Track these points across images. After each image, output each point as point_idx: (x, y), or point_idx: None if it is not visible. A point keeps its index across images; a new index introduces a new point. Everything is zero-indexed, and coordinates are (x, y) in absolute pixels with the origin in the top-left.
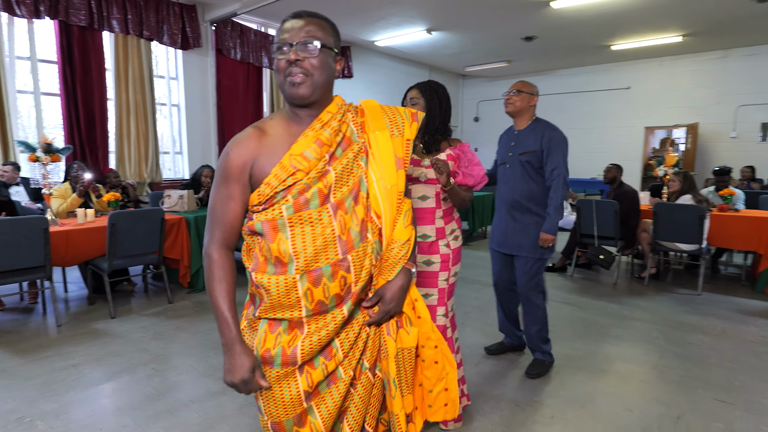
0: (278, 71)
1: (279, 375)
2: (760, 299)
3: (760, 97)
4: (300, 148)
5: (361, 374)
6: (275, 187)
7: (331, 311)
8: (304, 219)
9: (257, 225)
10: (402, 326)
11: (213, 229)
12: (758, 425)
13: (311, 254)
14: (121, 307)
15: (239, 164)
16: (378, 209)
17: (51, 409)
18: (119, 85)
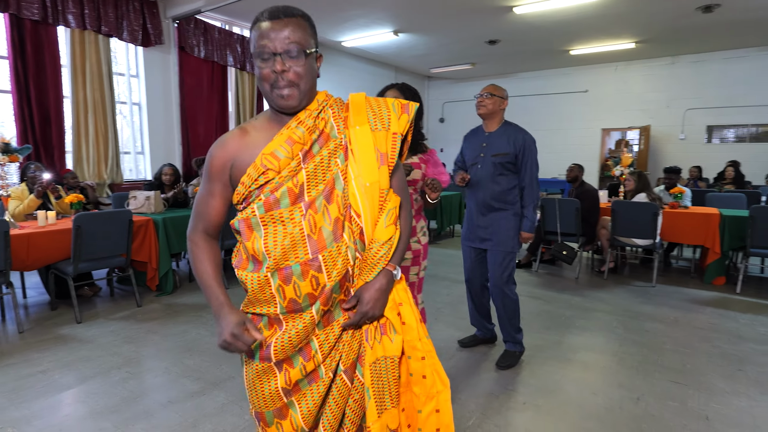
0: (262, 79)
1: (258, 368)
2: (708, 290)
3: (705, 101)
4: (271, 147)
5: (336, 376)
6: (248, 186)
7: (307, 310)
8: (276, 218)
9: (236, 224)
10: (385, 333)
11: (196, 220)
12: (708, 402)
13: (279, 253)
14: (86, 311)
15: (219, 164)
16: (357, 208)
17: (22, 415)
18: (76, 83)
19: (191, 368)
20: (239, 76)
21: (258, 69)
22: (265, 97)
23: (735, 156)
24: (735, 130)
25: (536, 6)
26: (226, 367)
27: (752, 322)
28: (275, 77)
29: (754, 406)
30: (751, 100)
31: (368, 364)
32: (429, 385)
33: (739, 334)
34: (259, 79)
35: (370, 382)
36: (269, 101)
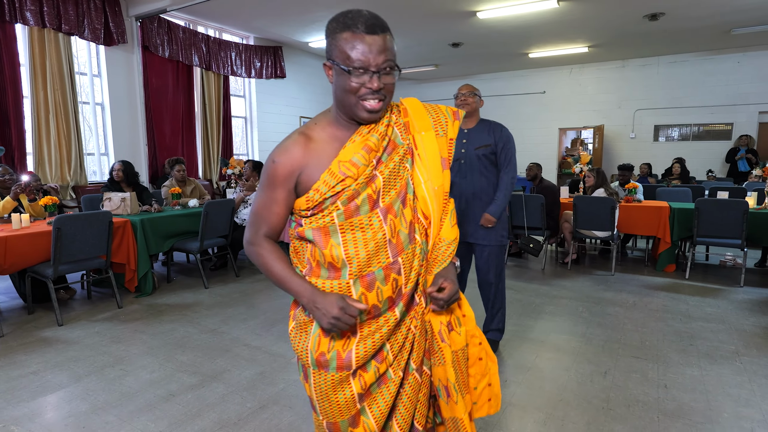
0: (349, 91)
1: (334, 379)
2: (661, 276)
3: (652, 102)
4: (348, 155)
5: (408, 374)
6: (324, 193)
7: (383, 314)
8: (355, 225)
9: (307, 232)
10: (453, 328)
11: (258, 225)
12: (665, 373)
13: (364, 259)
14: (65, 314)
15: (286, 171)
16: (426, 210)
17: (22, 414)
18: (36, 82)
19: (186, 363)
20: (205, 75)
21: (345, 80)
22: (343, 106)
23: (679, 153)
24: (679, 129)
25: (498, 11)
26: (221, 360)
27: (700, 303)
28: (366, 92)
29: (705, 374)
30: (693, 102)
31: (449, 362)
32: (483, 366)
33: (689, 314)
34: (343, 89)
35: (455, 378)
36: (351, 112)
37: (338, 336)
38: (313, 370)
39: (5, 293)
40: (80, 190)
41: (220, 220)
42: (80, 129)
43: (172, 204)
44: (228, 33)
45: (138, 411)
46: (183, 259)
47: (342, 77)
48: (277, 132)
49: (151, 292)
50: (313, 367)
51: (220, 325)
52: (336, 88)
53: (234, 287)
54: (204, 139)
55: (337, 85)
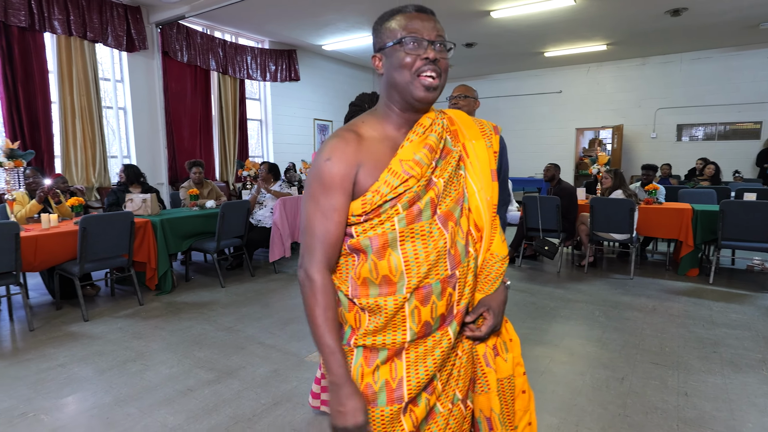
0: (402, 67)
1: (384, 416)
2: (683, 281)
3: (674, 101)
4: (409, 153)
5: (453, 406)
6: (385, 195)
7: (431, 334)
8: (416, 232)
9: (364, 242)
10: (499, 353)
11: (313, 248)
12: (686, 380)
13: (424, 270)
14: (90, 310)
15: (342, 172)
16: (480, 221)
17: (51, 404)
18: (63, 88)
19: (203, 360)
20: (222, 80)
21: (399, 56)
22: (398, 88)
23: (704, 153)
24: (704, 128)
25: (512, 10)
26: (236, 358)
27: (725, 309)
28: (422, 64)
29: (728, 383)
30: (718, 100)
31: (494, 390)
32: (526, 400)
33: (712, 320)
34: (397, 67)
35: (500, 409)
36: (406, 93)
37: (383, 364)
38: None
39: (35, 289)
40: (104, 191)
41: (236, 221)
42: (104, 132)
43: (189, 205)
44: (244, 37)
45: (158, 404)
46: (200, 258)
47: (395, 54)
48: (292, 134)
49: (171, 291)
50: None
51: (235, 324)
52: (388, 71)
53: (249, 287)
54: (221, 141)
55: (390, 65)
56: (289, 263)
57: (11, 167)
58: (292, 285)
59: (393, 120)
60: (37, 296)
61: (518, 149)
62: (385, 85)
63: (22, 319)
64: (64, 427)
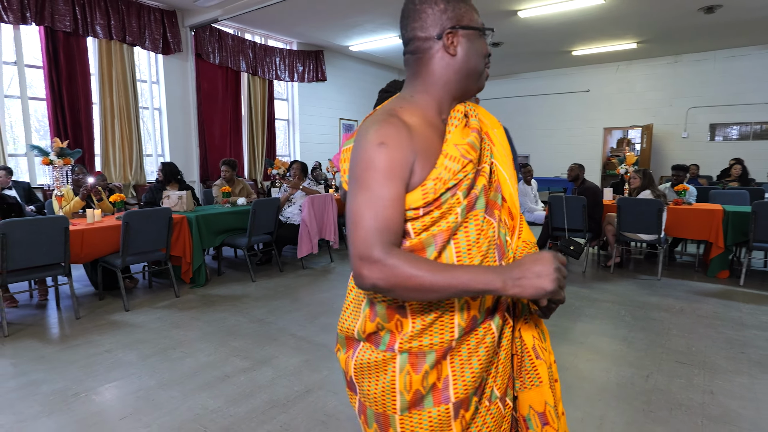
0: (483, 55)
1: (432, 419)
2: (712, 282)
3: (707, 99)
4: (462, 137)
5: (491, 404)
6: (447, 182)
7: (474, 330)
8: (470, 221)
9: (427, 241)
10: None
11: (381, 236)
12: (712, 379)
13: (477, 261)
14: (130, 301)
15: (402, 158)
16: (514, 210)
17: (100, 385)
18: (103, 90)
19: (238, 349)
20: (251, 80)
21: (482, 44)
22: (472, 75)
23: (738, 153)
24: (738, 127)
25: (540, 9)
26: (269, 348)
27: (755, 311)
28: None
29: (756, 382)
30: (753, 98)
31: (546, 382)
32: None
33: (742, 322)
34: (479, 54)
35: (553, 401)
36: (471, 81)
37: (431, 369)
38: (401, 415)
39: (79, 281)
40: (140, 188)
41: (267, 217)
42: (140, 132)
43: (222, 202)
44: (273, 39)
45: (198, 388)
46: (230, 254)
47: (478, 41)
48: (318, 134)
49: (204, 284)
50: (402, 411)
51: (267, 316)
52: (467, 55)
53: (279, 281)
54: (249, 141)
55: (472, 51)
56: (317, 259)
57: (60, 165)
58: (320, 280)
59: (436, 107)
60: (80, 287)
61: (546, 149)
62: (455, 68)
63: (68, 308)
64: (114, 407)
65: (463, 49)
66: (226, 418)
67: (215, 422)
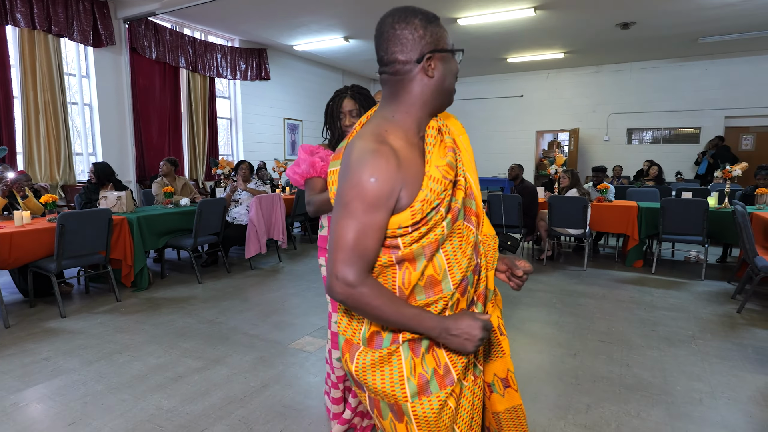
0: (454, 75)
1: (440, 400)
2: (629, 271)
3: (625, 106)
4: (442, 158)
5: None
6: (432, 202)
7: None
8: (454, 231)
9: (417, 251)
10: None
11: (356, 262)
12: (629, 354)
13: (465, 264)
14: (66, 307)
15: (388, 189)
16: (479, 210)
17: (42, 394)
18: (26, 83)
19: (189, 350)
20: (191, 77)
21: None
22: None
23: (651, 156)
24: (651, 132)
25: (477, 18)
26: (222, 347)
27: (664, 295)
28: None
29: (663, 355)
30: (664, 106)
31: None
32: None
33: (653, 305)
34: (452, 74)
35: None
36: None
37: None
38: (412, 402)
39: (5, 288)
40: (69, 189)
41: (213, 218)
42: (69, 129)
43: (164, 203)
44: (213, 35)
45: (150, 390)
46: (173, 256)
47: (452, 62)
48: (262, 133)
49: (147, 287)
50: (413, 398)
51: (217, 316)
52: (443, 75)
53: (227, 282)
54: (190, 139)
55: (446, 71)
56: (265, 259)
57: None
58: (269, 280)
59: (416, 126)
60: (7, 294)
61: (483, 150)
62: (432, 89)
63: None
64: (59, 414)
65: (440, 71)
66: (183, 417)
67: (171, 421)
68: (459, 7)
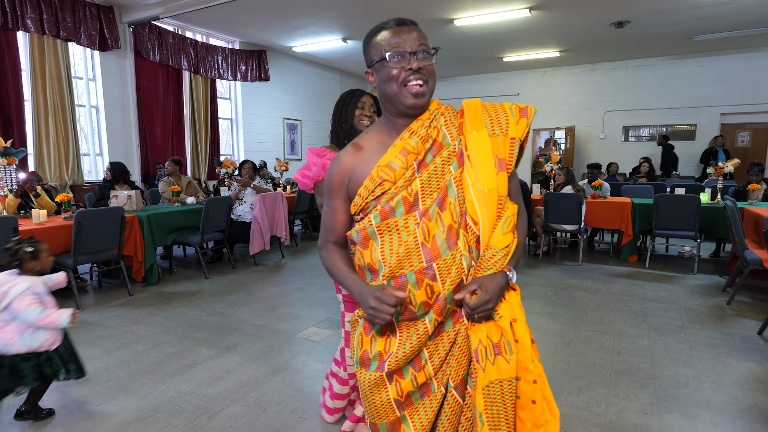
0: (389, 80)
1: (372, 379)
2: (623, 266)
3: (621, 104)
4: (386, 159)
5: (448, 393)
6: (365, 198)
7: (420, 319)
8: (391, 227)
9: (354, 234)
10: (500, 353)
11: (326, 234)
12: (619, 342)
13: (395, 262)
14: (82, 301)
15: (338, 180)
16: (475, 215)
17: (66, 381)
18: (36, 86)
19: (202, 340)
20: (193, 79)
21: (386, 70)
22: (390, 98)
23: (647, 153)
24: (648, 129)
25: (473, 19)
26: (232, 337)
27: (656, 288)
28: (407, 74)
29: (653, 343)
30: (659, 104)
31: (480, 387)
32: (538, 413)
33: (645, 297)
34: (386, 80)
35: (483, 407)
36: (396, 102)
37: (379, 334)
38: (356, 367)
39: None
40: (77, 189)
41: (219, 215)
42: (77, 130)
43: (170, 201)
44: (214, 38)
45: (168, 375)
46: (180, 253)
47: (383, 69)
48: (262, 133)
49: (157, 282)
50: (357, 364)
51: (225, 309)
52: (379, 85)
53: (232, 278)
54: (192, 140)
55: (380, 80)
56: (269, 256)
57: (3, 164)
58: (273, 275)
59: (391, 127)
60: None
61: None
62: (380, 97)
63: None
64: (87, 396)
65: (376, 81)
66: (201, 399)
67: (190, 402)
68: (455, 8)
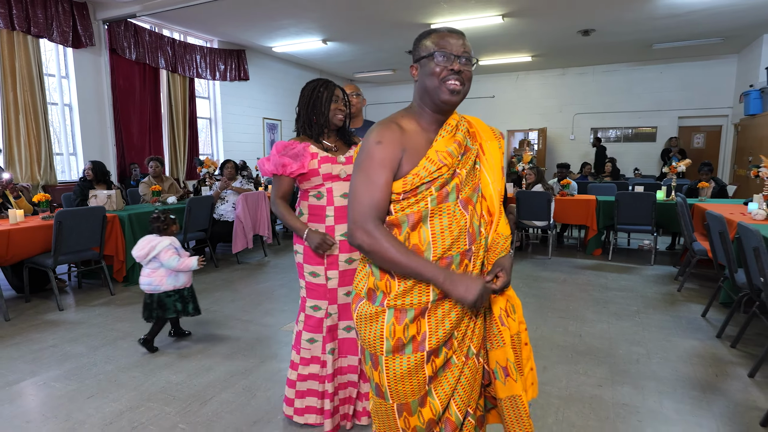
0: (431, 75)
1: (410, 362)
2: (589, 259)
3: (589, 107)
4: (444, 146)
5: (468, 359)
6: (423, 178)
7: (448, 298)
8: (443, 211)
9: (401, 218)
10: (509, 314)
11: (368, 211)
12: (582, 327)
13: (448, 243)
14: (63, 301)
15: (391, 152)
16: (492, 208)
17: (56, 375)
18: (6, 84)
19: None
20: (171, 78)
21: (430, 66)
22: (428, 91)
23: (612, 153)
24: (614, 131)
25: (449, 24)
26: (220, 331)
27: (617, 278)
28: (448, 73)
29: (611, 327)
30: (624, 107)
31: (508, 344)
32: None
33: (607, 287)
34: (428, 75)
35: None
36: (434, 97)
37: (411, 323)
38: (386, 357)
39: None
40: (50, 189)
41: (201, 215)
42: (49, 129)
43: (151, 201)
44: (192, 36)
45: (158, 368)
46: None
47: (428, 65)
48: (241, 132)
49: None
50: (387, 353)
51: (211, 305)
52: (421, 78)
53: (216, 276)
54: (171, 139)
55: (423, 74)
56: (251, 254)
57: None
58: (256, 273)
59: (425, 118)
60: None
61: None
62: (419, 89)
63: None
64: (78, 390)
65: (419, 75)
66: (192, 388)
67: (182, 392)
68: (431, 14)
